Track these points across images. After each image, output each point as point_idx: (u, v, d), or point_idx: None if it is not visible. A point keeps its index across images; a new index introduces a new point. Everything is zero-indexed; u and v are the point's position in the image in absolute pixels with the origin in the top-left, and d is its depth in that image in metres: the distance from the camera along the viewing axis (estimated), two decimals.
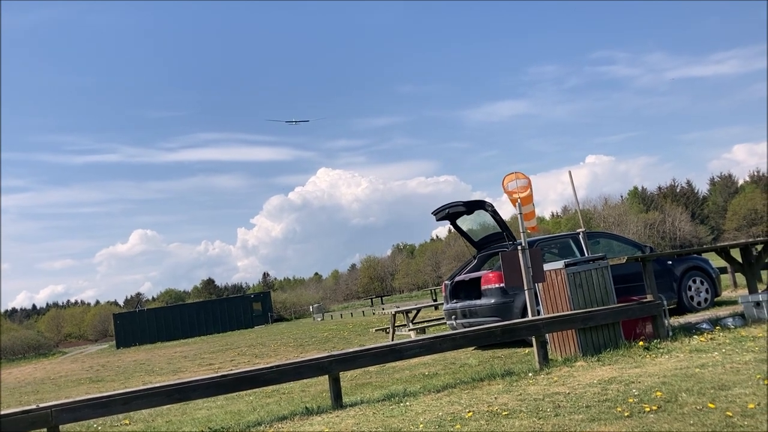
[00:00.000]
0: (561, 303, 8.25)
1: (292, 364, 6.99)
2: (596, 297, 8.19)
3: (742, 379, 5.39)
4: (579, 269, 8.21)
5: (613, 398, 5.34)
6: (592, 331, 7.93)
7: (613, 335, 8.03)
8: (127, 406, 6.31)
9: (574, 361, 7.53)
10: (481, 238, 12.14)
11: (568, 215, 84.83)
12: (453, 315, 11.41)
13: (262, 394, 8.97)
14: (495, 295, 10.40)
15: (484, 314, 10.47)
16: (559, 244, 11.67)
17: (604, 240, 12.41)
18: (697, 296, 11.44)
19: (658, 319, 8.36)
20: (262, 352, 18.70)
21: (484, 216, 11.38)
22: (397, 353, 7.42)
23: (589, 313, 7.91)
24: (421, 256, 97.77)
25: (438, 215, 11.74)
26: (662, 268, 11.10)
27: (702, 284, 11.53)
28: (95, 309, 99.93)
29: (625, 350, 7.67)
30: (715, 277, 11.79)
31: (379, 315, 30.12)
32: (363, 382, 9.01)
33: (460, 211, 11.36)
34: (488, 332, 7.78)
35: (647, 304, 8.38)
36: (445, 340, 7.59)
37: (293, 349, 17.74)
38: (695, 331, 8.41)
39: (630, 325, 8.33)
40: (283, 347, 19.18)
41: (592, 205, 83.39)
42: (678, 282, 11.32)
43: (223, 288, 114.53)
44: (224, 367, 15.20)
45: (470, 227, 12.17)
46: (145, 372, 17.48)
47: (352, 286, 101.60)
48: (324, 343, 18.12)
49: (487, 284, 10.59)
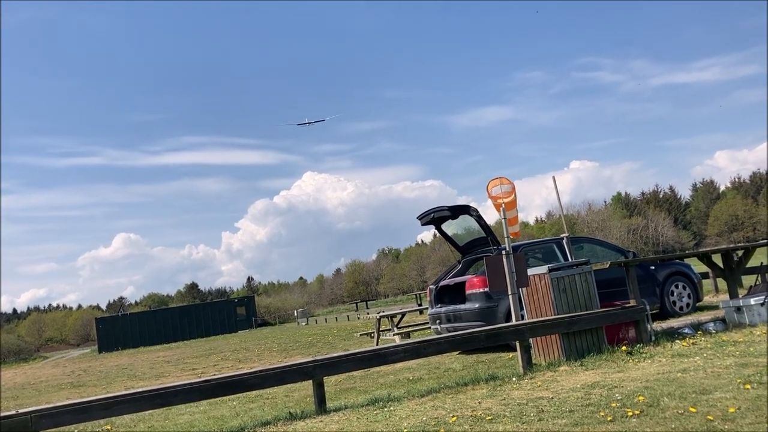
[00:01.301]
0: (545, 308, 8.28)
1: (276, 369, 6.96)
2: (580, 302, 8.23)
3: (723, 383, 5.44)
4: (563, 274, 8.25)
5: (596, 403, 5.37)
6: (576, 336, 7.97)
7: (597, 340, 8.07)
8: (109, 412, 6.25)
9: (558, 365, 7.56)
10: (465, 243, 12.16)
11: (552, 220, 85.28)
12: (437, 319, 11.42)
13: (245, 399, 8.92)
14: (479, 300, 10.42)
15: (468, 319, 10.48)
16: (543, 249, 11.72)
17: (588, 245, 12.49)
18: (680, 301, 11.53)
19: (641, 324, 8.41)
20: (246, 356, 18.60)
21: (469, 221, 11.40)
22: (382, 358, 7.41)
23: (572, 317, 7.95)
24: (406, 260, 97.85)
25: (423, 220, 11.74)
26: (645, 273, 11.18)
27: (684, 289, 11.62)
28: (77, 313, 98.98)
29: (609, 355, 7.71)
30: (697, 282, 11.89)
31: (363, 319, 30.08)
32: (347, 386, 8.98)
33: (445, 215, 11.37)
34: (472, 337, 7.79)
35: (630, 309, 8.43)
36: (430, 344, 7.60)
37: (277, 354, 17.66)
38: (677, 335, 8.48)
39: (613, 330, 8.37)
40: (267, 352, 19.10)
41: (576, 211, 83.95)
42: (661, 287, 11.41)
43: (207, 292, 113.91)
44: (207, 372, 15.10)
45: (455, 232, 12.19)
46: (127, 377, 17.32)
47: (337, 291, 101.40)
48: (308, 348, 18.07)
49: (471, 289, 10.61)
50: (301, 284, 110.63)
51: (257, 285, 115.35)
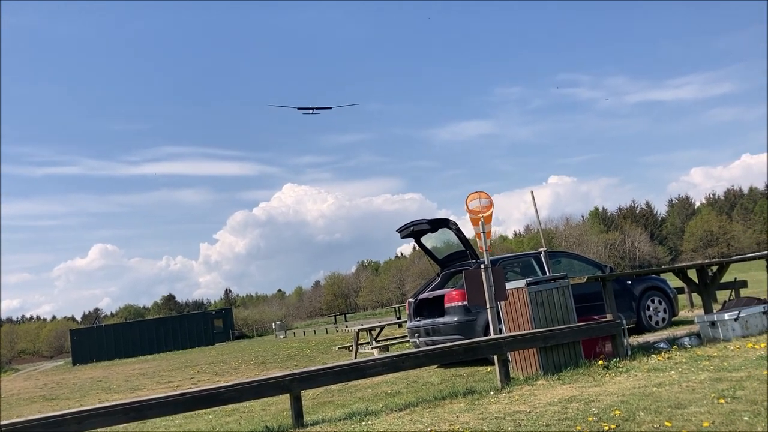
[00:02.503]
0: (523, 321, 8.32)
1: (253, 383, 6.90)
2: (557, 316, 8.27)
3: (698, 397, 5.49)
4: (540, 288, 8.29)
5: (573, 417, 5.39)
6: (553, 350, 8.01)
7: (574, 354, 8.12)
8: (82, 426, 6.14)
9: (536, 379, 7.58)
10: (444, 256, 12.19)
11: (530, 234, 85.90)
12: (416, 333, 11.41)
13: (221, 413, 8.82)
14: (458, 313, 10.43)
15: (447, 332, 10.49)
16: (521, 263, 11.79)
17: (566, 259, 12.58)
18: (656, 316, 11.64)
19: (617, 339, 8.47)
20: (223, 369, 18.42)
21: (449, 234, 11.44)
22: (360, 371, 7.38)
23: (550, 331, 7.99)
24: (385, 273, 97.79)
25: (403, 233, 11.77)
26: (622, 288, 11.28)
27: (660, 304, 11.74)
28: (51, 324, 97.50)
29: (585, 369, 7.75)
30: (672, 297, 12.02)
31: (342, 333, 29.95)
32: (325, 400, 8.93)
33: (424, 228, 11.41)
34: (450, 350, 7.79)
35: (607, 323, 8.49)
36: (408, 358, 7.58)
37: (254, 367, 17.51)
38: (653, 350, 8.55)
39: (590, 344, 8.43)
40: (244, 365, 18.93)
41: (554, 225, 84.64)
42: (637, 302, 11.52)
43: (184, 304, 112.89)
44: (183, 384, 14.93)
45: (434, 245, 12.22)
46: (101, 390, 17.05)
47: (315, 303, 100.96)
48: (286, 361, 17.95)
49: (450, 302, 10.63)
50: (279, 297, 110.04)
51: (235, 297, 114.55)
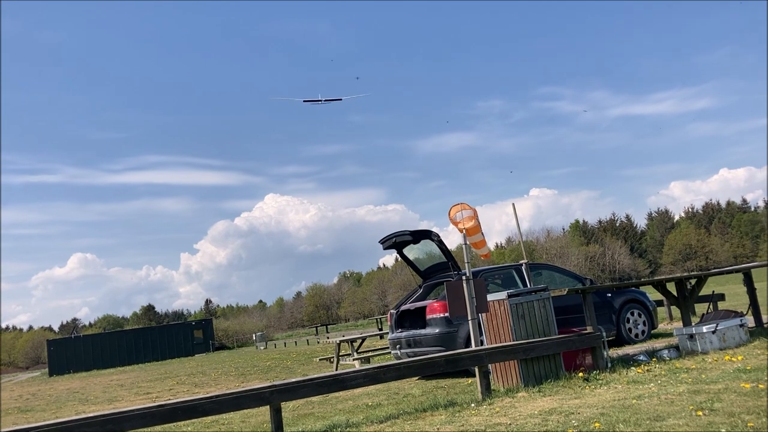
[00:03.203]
0: (504, 333, 8.33)
1: (232, 394, 6.84)
2: (538, 328, 8.30)
3: (676, 410, 5.53)
4: (521, 300, 8.32)
5: (553, 429, 5.40)
6: (534, 362, 8.03)
7: (554, 366, 8.14)
8: None
9: (516, 391, 7.59)
10: (427, 268, 12.21)
11: (512, 246, 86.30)
12: (398, 344, 11.39)
13: (201, 425, 8.73)
14: (439, 325, 10.44)
15: (428, 344, 10.48)
16: (502, 275, 11.83)
17: (546, 272, 12.64)
18: (635, 328, 11.73)
19: (597, 351, 8.51)
20: (202, 381, 18.23)
21: (431, 246, 11.46)
22: (341, 383, 7.34)
23: (531, 343, 8.01)
24: (367, 284, 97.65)
25: (385, 244, 11.76)
26: (602, 301, 11.37)
27: (640, 316, 11.83)
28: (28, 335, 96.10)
29: (566, 381, 7.78)
30: (652, 310, 12.12)
31: (323, 344, 29.82)
32: (305, 412, 8.87)
33: (406, 240, 11.41)
34: (432, 362, 7.78)
35: (587, 335, 8.54)
36: (389, 369, 7.56)
37: (234, 379, 17.36)
38: (633, 362, 8.60)
39: (570, 356, 8.46)
40: (224, 376, 18.76)
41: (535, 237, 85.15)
42: (617, 314, 11.60)
43: (164, 314, 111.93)
44: (162, 396, 14.75)
45: (417, 256, 12.24)
46: (78, 401, 16.80)
47: (297, 314, 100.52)
48: (266, 373, 17.81)
49: (432, 314, 10.63)
50: (260, 307, 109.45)
51: (215, 308, 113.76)
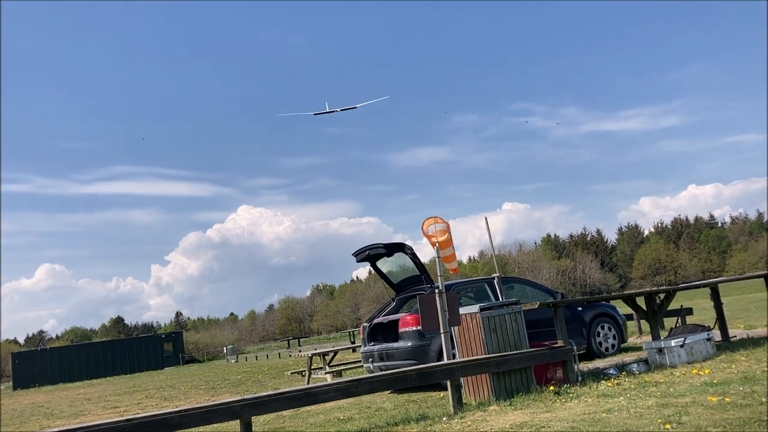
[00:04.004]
0: (476, 347, 8.35)
1: (202, 408, 6.75)
2: (510, 341, 8.34)
3: (645, 423, 5.58)
4: (493, 314, 8.36)
5: None
6: (505, 376, 8.05)
7: (526, 380, 8.17)
8: None
9: (488, 405, 7.60)
10: (400, 281, 12.21)
11: (484, 260, 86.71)
12: (370, 358, 11.35)
13: None
14: (412, 338, 10.43)
15: (401, 357, 10.46)
16: (475, 288, 11.88)
17: (518, 285, 12.73)
18: (606, 342, 11.84)
19: (568, 364, 8.57)
20: (172, 394, 17.96)
21: (404, 259, 11.46)
22: (312, 397, 7.29)
23: (502, 357, 8.04)
24: (340, 297, 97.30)
25: (358, 257, 11.74)
26: (573, 314, 11.46)
27: (610, 330, 11.96)
28: None
29: (537, 395, 7.81)
30: (622, 324, 12.26)
31: (295, 357, 29.61)
32: (276, 426, 8.78)
33: (380, 253, 11.40)
34: (404, 376, 7.77)
35: (558, 349, 8.60)
36: (361, 383, 7.53)
37: (204, 392, 17.13)
38: (603, 376, 8.67)
39: (542, 370, 8.50)
40: (193, 390, 18.50)
41: (507, 251, 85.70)
42: (587, 328, 11.70)
43: (133, 327, 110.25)
44: (130, 410, 14.49)
45: (390, 269, 12.23)
46: (43, 416, 16.43)
47: (269, 328, 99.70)
48: (237, 386, 17.62)
49: (404, 327, 10.62)
50: (231, 320, 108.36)
51: (186, 320, 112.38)
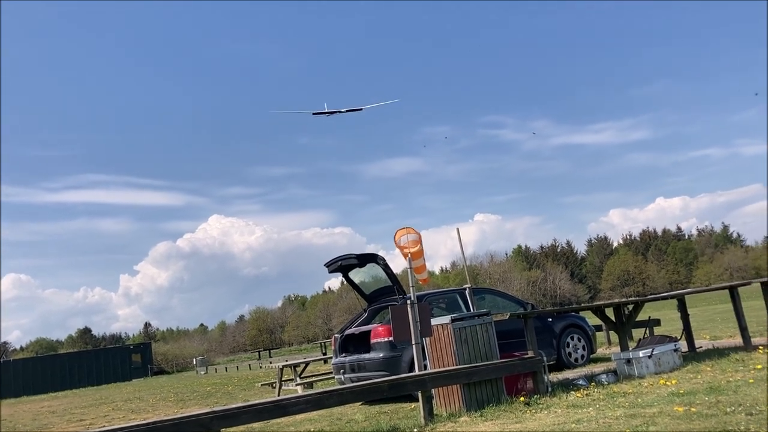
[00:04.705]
0: (447, 358, 8.37)
1: (170, 421, 6.64)
2: (481, 352, 8.37)
3: None
4: (465, 324, 8.38)
5: None
6: (476, 387, 8.07)
7: (496, 390, 8.20)
8: None
9: (459, 416, 7.61)
10: (372, 292, 12.18)
11: (456, 270, 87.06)
12: (341, 369, 11.30)
13: None
14: (384, 349, 10.40)
15: (372, 368, 10.43)
16: (446, 299, 11.91)
17: (489, 296, 12.80)
18: (575, 353, 11.95)
19: (538, 375, 8.62)
20: (139, 407, 17.67)
21: (376, 269, 11.44)
22: (282, 409, 7.22)
23: (473, 368, 8.06)
24: (312, 308, 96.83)
25: (330, 267, 11.68)
26: (543, 325, 11.55)
27: (579, 341, 12.07)
28: None
29: (507, 405, 7.83)
30: (591, 335, 12.38)
31: (266, 369, 29.35)
32: None
33: (352, 263, 11.37)
34: (375, 387, 7.74)
35: (528, 360, 8.65)
36: (332, 395, 7.48)
37: (173, 404, 16.89)
38: (572, 387, 8.74)
39: (512, 381, 8.54)
40: (162, 402, 18.23)
41: (479, 262, 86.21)
42: (557, 339, 11.80)
43: (101, 338, 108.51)
44: (96, 423, 14.22)
45: (362, 280, 12.20)
46: (5, 430, 16.04)
47: (239, 339, 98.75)
48: (206, 398, 17.40)
49: (376, 338, 10.59)
50: (201, 331, 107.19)
51: (155, 331, 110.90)
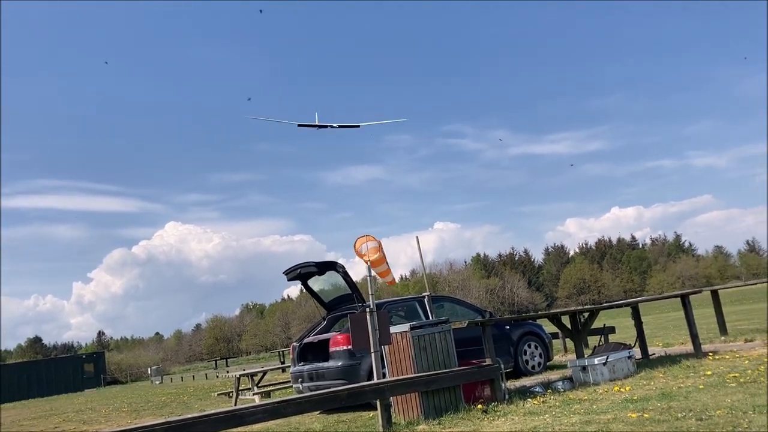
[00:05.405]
0: (405, 365, 8.38)
1: None
2: (439, 360, 8.40)
3: None
4: (423, 332, 8.41)
5: None
6: (435, 394, 8.09)
7: (454, 398, 8.24)
8: None
9: (417, 424, 7.62)
10: (331, 300, 12.13)
11: (416, 278, 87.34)
12: (300, 378, 11.21)
13: None
14: (342, 358, 10.36)
15: (331, 377, 10.36)
16: (405, 307, 11.92)
17: (448, 304, 12.86)
18: (532, 360, 12.08)
19: (496, 383, 8.68)
20: (92, 417, 17.23)
21: (336, 277, 11.40)
22: (239, 419, 7.11)
23: (431, 376, 8.08)
24: (271, 316, 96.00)
25: (289, 275, 11.59)
26: (501, 333, 11.66)
27: (536, 349, 12.21)
28: None
29: (465, 413, 7.87)
30: (548, 342, 12.54)
31: (223, 378, 28.94)
32: None
33: (311, 271, 11.30)
34: (334, 396, 7.69)
35: (486, 367, 8.71)
36: (290, 404, 7.41)
37: (126, 415, 16.51)
38: (529, 394, 8.83)
39: (470, 388, 8.58)
40: (115, 413, 17.80)
41: (438, 270, 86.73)
42: (515, 346, 11.91)
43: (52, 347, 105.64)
44: None
45: (321, 288, 12.14)
46: None
47: (195, 348, 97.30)
48: (161, 408, 17.06)
49: (335, 346, 10.54)
50: (157, 340, 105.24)
51: (109, 340, 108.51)
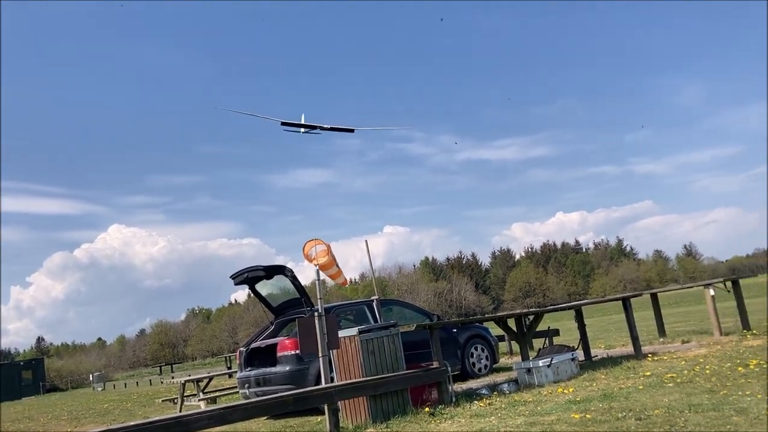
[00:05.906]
0: (354, 369, 8.39)
1: None
2: (387, 363, 8.43)
3: None
4: (372, 336, 8.44)
5: None
6: (383, 398, 8.12)
7: (402, 401, 8.28)
8: None
9: (365, 428, 7.63)
10: (279, 304, 12.05)
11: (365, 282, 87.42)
12: (247, 383, 11.08)
13: None
14: (290, 362, 10.30)
15: (278, 382, 10.29)
16: (354, 311, 11.94)
17: (397, 307, 12.94)
18: (479, 363, 12.25)
19: (443, 386, 8.77)
20: (29, 427, 16.66)
21: (284, 281, 11.34)
22: (184, 426, 6.99)
23: (380, 379, 8.11)
24: (217, 321, 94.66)
25: (237, 279, 11.46)
26: (448, 336, 11.78)
27: (483, 351, 12.39)
28: None
29: (413, 416, 7.92)
30: (494, 345, 12.74)
31: (167, 384, 28.39)
32: None
33: (259, 275, 11.21)
34: (281, 401, 7.64)
35: (434, 370, 8.78)
36: (236, 410, 7.33)
37: (66, 423, 16.03)
38: (475, 396, 8.94)
39: (417, 392, 8.65)
40: (54, 421, 17.26)
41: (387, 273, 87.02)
42: (462, 349, 12.06)
43: None
44: None
45: (270, 292, 12.04)
46: None
47: (140, 353, 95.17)
48: (103, 416, 16.62)
49: (283, 351, 10.47)
50: (99, 346, 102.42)
51: (48, 346, 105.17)
